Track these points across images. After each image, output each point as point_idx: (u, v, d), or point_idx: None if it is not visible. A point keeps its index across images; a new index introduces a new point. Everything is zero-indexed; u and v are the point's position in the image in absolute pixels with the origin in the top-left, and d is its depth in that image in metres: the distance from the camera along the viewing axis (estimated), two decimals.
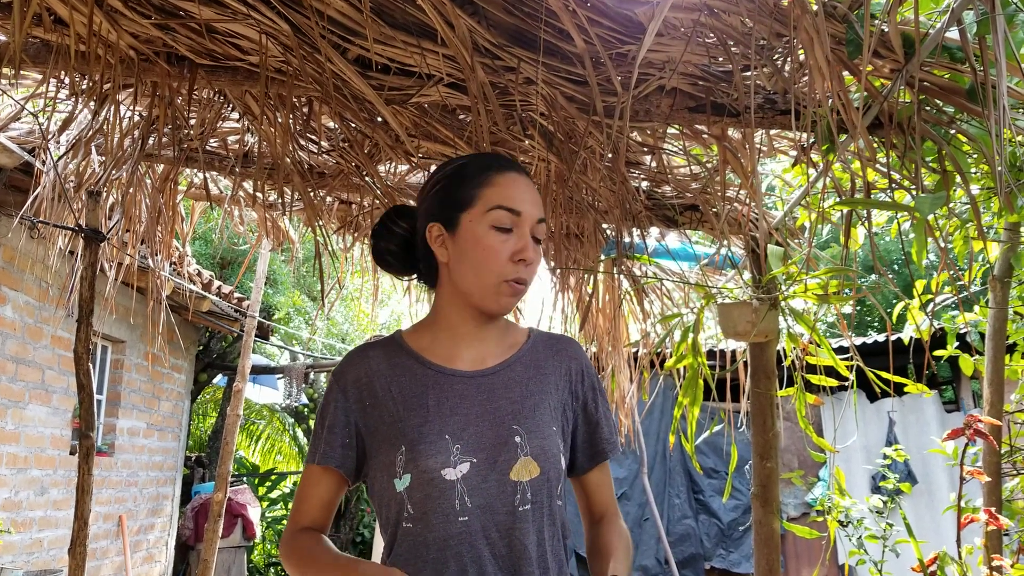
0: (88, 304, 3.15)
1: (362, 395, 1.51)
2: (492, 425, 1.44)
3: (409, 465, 1.40)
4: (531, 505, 1.41)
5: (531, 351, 1.58)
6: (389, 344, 1.58)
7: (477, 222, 1.47)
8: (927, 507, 7.30)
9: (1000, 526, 2.57)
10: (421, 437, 1.42)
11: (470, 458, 1.40)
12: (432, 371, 1.51)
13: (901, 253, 2.51)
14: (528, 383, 1.52)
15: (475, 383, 1.50)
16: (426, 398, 1.47)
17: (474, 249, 1.47)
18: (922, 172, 2.14)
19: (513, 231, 1.47)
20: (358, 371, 1.53)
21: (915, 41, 1.79)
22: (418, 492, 1.40)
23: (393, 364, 1.53)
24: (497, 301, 1.48)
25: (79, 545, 3.04)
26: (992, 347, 3.01)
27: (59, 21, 2.13)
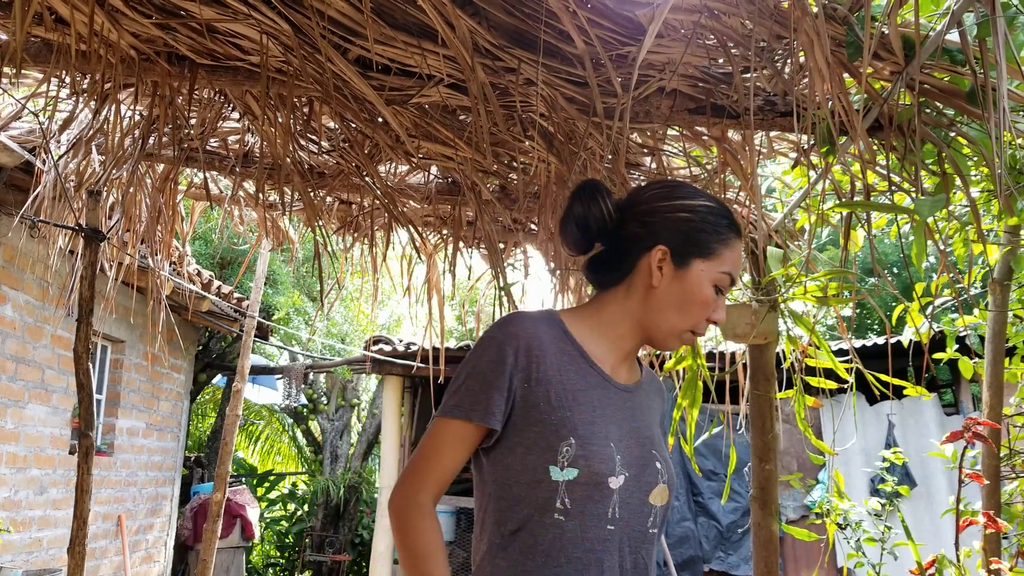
0: (88, 303, 3.15)
1: (530, 364, 1.44)
2: (637, 444, 1.47)
3: (579, 461, 1.38)
4: (656, 529, 1.47)
5: (648, 382, 1.62)
6: (553, 324, 1.51)
7: (706, 274, 1.48)
8: (926, 510, 7.29)
9: (999, 529, 2.57)
10: (592, 437, 1.40)
11: (625, 471, 1.42)
12: (595, 372, 1.49)
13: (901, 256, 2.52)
14: (649, 412, 1.57)
15: (623, 396, 1.51)
16: (590, 397, 1.45)
17: (690, 294, 1.48)
18: (922, 174, 2.14)
19: (720, 294, 1.51)
20: (529, 339, 1.46)
21: (915, 43, 1.79)
22: (581, 491, 1.38)
23: (560, 348, 1.48)
24: (673, 343, 1.52)
25: (78, 545, 3.04)
26: (991, 350, 3.01)
27: (60, 20, 2.13)
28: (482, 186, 2.86)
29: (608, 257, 1.57)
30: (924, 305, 2.95)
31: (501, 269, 3.19)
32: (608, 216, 1.55)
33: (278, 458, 15.76)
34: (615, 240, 1.56)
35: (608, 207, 1.55)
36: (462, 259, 3.37)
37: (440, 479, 1.44)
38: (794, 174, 3.05)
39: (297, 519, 12.80)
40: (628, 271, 1.53)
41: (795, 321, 2.90)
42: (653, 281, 1.49)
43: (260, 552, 13.11)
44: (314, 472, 13.30)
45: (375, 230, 3.42)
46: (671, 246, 1.49)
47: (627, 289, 1.53)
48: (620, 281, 1.54)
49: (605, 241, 1.58)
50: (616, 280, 1.55)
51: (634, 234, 1.53)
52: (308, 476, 13.82)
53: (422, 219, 3.47)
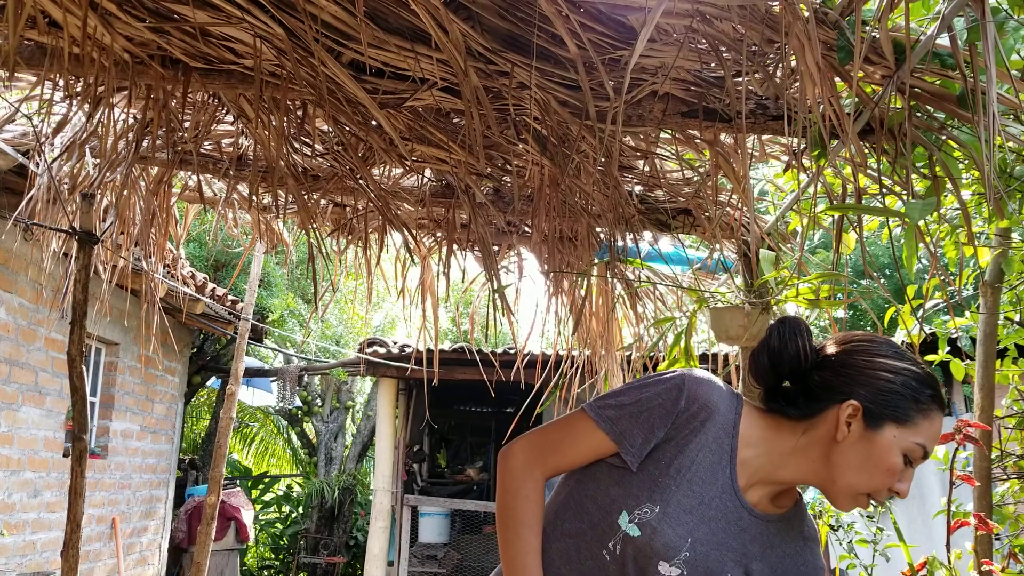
0: (82, 306, 3.15)
1: (688, 429, 1.45)
2: (719, 559, 1.42)
3: (647, 528, 1.39)
4: None
5: (788, 520, 1.53)
6: (731, 411, 1.49)
7: (898, 442, 1.41)
8: (919, 512, 7.31)
9: (990, 531, 2.58)
10: (674, 520, 1.40)
11: (684, 568, 1.39)
12: (728, 477, 1.45)
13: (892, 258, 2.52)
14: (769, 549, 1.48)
15: (740, 514, 1.46)
16: (706, 492, 1.43)
17: (876, 458, 1.41)
18: (913, 178, 2.15)
19: (907, 466, 1.43)
20: (703, 407, 1.45)
21: (906, 47, 1.80)
22: (633, 550, 1.39)
23: (718, 436, 1.46)
24: (846, 502, 1.45)
25: (72, 547, 3.04)
26: (983, 352, 3.02)
27: (53, 24, 2.13)
28: (476, 189, 2.87)
29: (795, 396, 1.51)
30: (916, 307, 2.96)
31: (495, 272, 3.20)
32: (804, 357, 1.50)
33: (273, 460, 15.74)
34: (806, 383, 1.50)
35: (807, 348, 1.50)
36: (456, 262, 3.38)
37: (558, 467, 1.48)
38: (786, 177, 3.06)
39: (291, 521, 12.79)
40: (812, 415, 1.47)
41: None
42: (838, 436, 1.43)
43: (254, 554, 13.09)
44: (309, 474, 13.30)
45: (369, 233, 3.42)
46: (865, 404, 1.42)
47: (806, 429, 1.47)
48: (800, 419, 1.48)
49: (794, 381, 1.52)
50: (796, 417, 1.49)
51: (827, 381, 1.47)
52: (303, 478, 13.81)
53: (416, 222, 3.48)
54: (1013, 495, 3.27)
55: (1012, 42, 1.90)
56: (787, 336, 1.50)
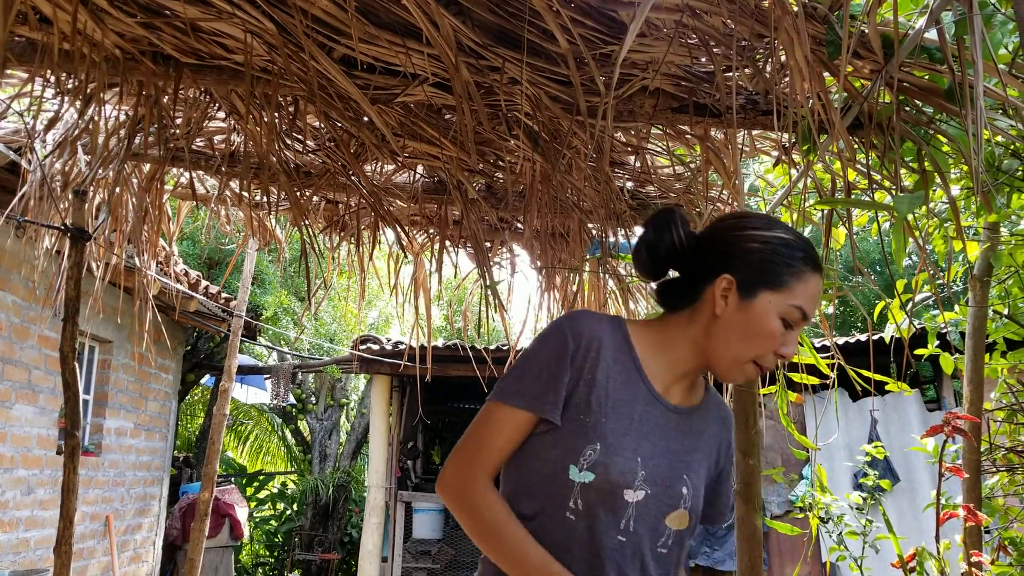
0: (74, 304, 3.14)
1: (585, 365, 1.45)
2: (670, 465, 1.46)
3: (598, 468, 1.39)
4: (667, 551, 1.46)
5: (707, 408, 1.59)
6: (617, 330, 1.52)
7: (774, 307, 1.44)
8: (909, 504, 7.35)
9: (979, 522, 2.60)
10: (619, 448, 1.41)
11: (647, 488, 1.42)
12: (644, 385, 1.49)
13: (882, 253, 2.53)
14: (698, 438, 1.54)
15: (668, 416, 1.50)
16: (632, 408, 1.46)
17: (755, 326, 1.45)
18: (902, 172, 2.17)
19: (790, 329, 1.46)
20: (590, 339, 1.47)
21: (894, 42, 1.81)
22: (595, 496, 1.40)
23: (617, 356, 1.48)
24: (735, 374, 1.48)
25: (65, 545, 3.03)
26: (972, 346, 3.04)
27: (44, 19, 2.13)
28: (468, 185, 2.87)
29: (678, 283, 1.57)
30: (905, 302, 2.97)
31: (488, 268, 3.21)
32: (679, 244, 1.54)
33: (267, 458, 15.74)
34: (686, 268, 1.55)
35: (680, 235, 1.54)
36: (449, 258, 3.38)
37: (494, 462, 1.46)
38: (776, 172, 3.07)
39: (286, 518, 12.79)
40: (695, 299, 1.52)
41: None
42: (716, 310, 1.47)
43: (249, 551, 13.09)
44: (303, 471, 13.30)
45: (362, 229, 3.42)
46: (738, 276, 1.46)
47: (691, 315, 1.52)
48: (685, 307, 1.53)
49: (678, 268, 1.57)
50: (682, 305, 1.54)
51: (704, 263, 1.52)
52: (297, 475, 13.81)
53: (408, 218, 3.48)
54: (1002, 487, 3.30)
55: (999, 36, 1.91)
56: (661, 226, 1.55)
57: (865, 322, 13.35)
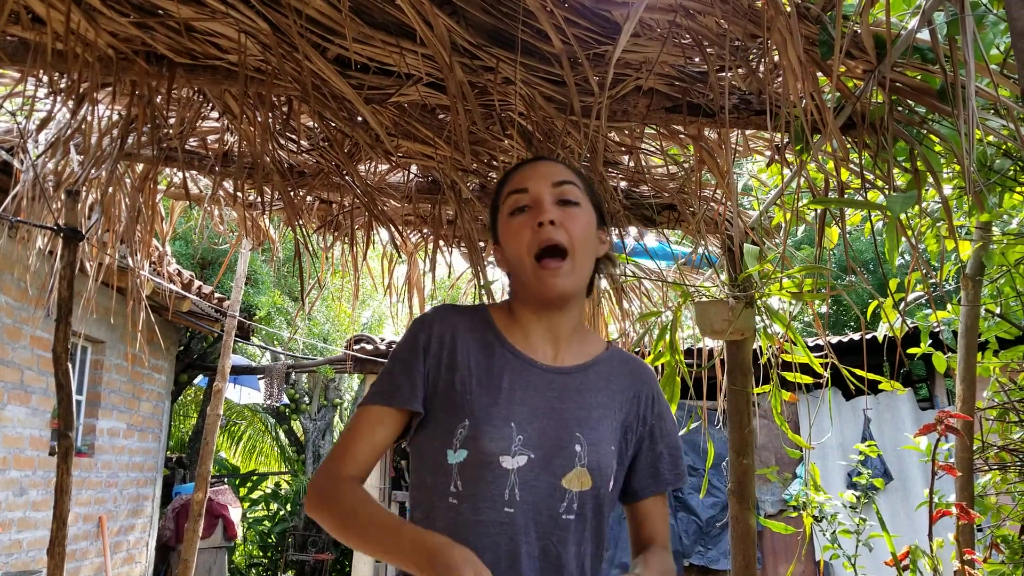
0: (67, 304, 3.14)
1: (442, 352, 1.48)
2: (555, 425, 1.42)
3: (469, 442, 1.38)
4: (575, 516, 1.39)
5: (606, 364, 1.56)
6: (477, 315, 1.55)
7: (503, 219, 1.51)
8: (902, 503, 7.37)
9: (972, 520, 2.61)
10: (487, 418, 1.39)
11: (529, 452, 1.38)
12: (510, 354, 1.49)
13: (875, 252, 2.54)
14: (598, 394, 1.50)
15: (548, 378, 1.48)
16: (500, 379, 1.45)
17: (506, 242, 1.50)
18: (894, 172, 2.17)
19: (529, 207, 1.47)
20: (443, 327, 1.50)
21: (887, 42, 1.82)
22: (471, 471, 1.37)
23: (477, 337, 1.51)
24: (541, 284, 1.45)
25: (58, 546, 3.03)
26: (964, 344, 3.05)
27: (37, 19, 2.12)
28: (462, 184, 2.87)
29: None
30: (898, 301, 2.98)
31: (481, 267, 3.21)
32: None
33: (260, 458, 15.71)
34: None
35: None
36: (442, 258, 3.38)
37: (358, 460, 1.43)
38: (769, 172, 3.08)
39: (280, 519, 12.76)
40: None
41: (771, 317, 2.94)
42: (503, 269, 1.57)
43: (242, 552, 13.06)
44: (297, 472, 13.27)
45: (355, 229, 3.42)
46: (493, 239, 1.59)
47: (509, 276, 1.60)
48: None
49: None
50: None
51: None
52: (290, 476, 13.78)
53: (402, 218, 3.48)
54: (994, 486, 3.31)
55: (991, 37, 1.92)
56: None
57: (858, 321, 13.38)
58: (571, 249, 1.45)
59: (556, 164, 1.56)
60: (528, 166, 1.54)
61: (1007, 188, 2.55)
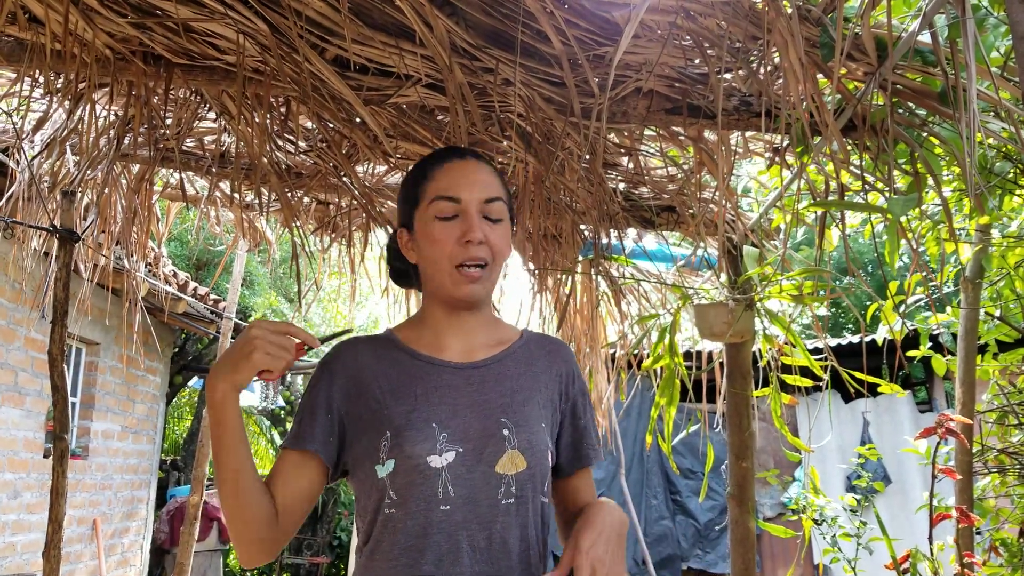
0: (62, 305, 3.12)
1: (348, 384, 1.50)
2: (480, 416, 1.43)
3: (394, 451, 1.39)
4: (515, 499, 1.40)
5: (523, 349, 1.58)
6: (378, 339, 1.58)
7: (424, 217, 1.50)
8: (901, 506, 7.37)
9: (971, 524, 2.60)
10: (408, 424, 1.40)
11: (456, 447, 1.39)
12: (421, 361, 1.51)
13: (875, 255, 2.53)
14: (519, 378, 1.52)
15: (464, 374, 1.50)
16: (414, 387, 1.46)
17: (426, 242, 1.50)
18: (895, 174, 2.17)
19: (458, 217, 1.48)
20: (345, 360, 1.53)
21: (888, 44, 1.81)
22: (401, 478, 1.38)
23: (381, 356, 1.53)
24: (457, 289, 1.48)
25: (53, 548, 3.01)
26: (964, 347, 3.05)
27: (34, 19, 2.11)
28: None
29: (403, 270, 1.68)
30: (898, 304, 2.98)
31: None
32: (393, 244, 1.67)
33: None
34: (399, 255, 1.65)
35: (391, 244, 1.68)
36: None
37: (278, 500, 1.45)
38: (769, 174, 3.08)
39: None
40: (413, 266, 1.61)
41: (771, 320, 2.93)
42: (411, 259, 1.57)
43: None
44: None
45: (353, 230, 3.41)
46: (402, 223, 1.58)
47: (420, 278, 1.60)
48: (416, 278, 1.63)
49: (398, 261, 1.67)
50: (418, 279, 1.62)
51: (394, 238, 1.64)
52: None
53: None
54: (994, 489, 3.31)
55: (992, 39, 1.91)
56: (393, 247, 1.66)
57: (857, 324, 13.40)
58: (491, 263, 1.49)
59: (487, 170, 1.55)
60: (459, 168, 1.52)
61: (1007, 191, 2.54)
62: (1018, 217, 3.15)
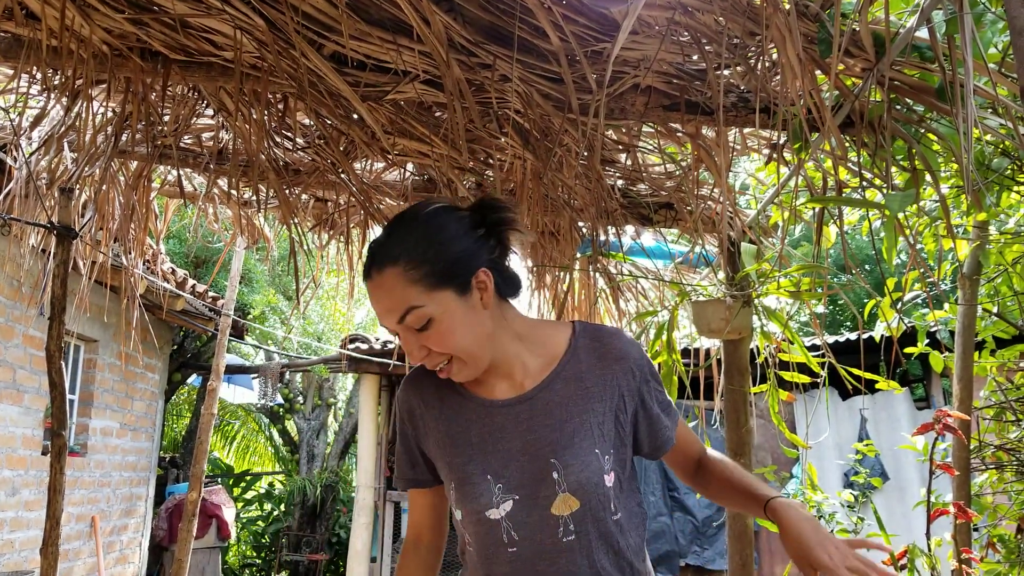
0: (60, 302, 3.11)
1: (417, 424, 1.58)
2: (531, 459, 1.46)
3: (459, 503, 1.50)
4: (575, 535, 1.44)
5: (572, 362, 1.54)
6: (423, 377, 1.61)
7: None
8: (899, 503, 7.38)
9: (969, 519, 2.61)
10: (466, 477, 1.48)
11: (512, 496, 1.45)
12: (474, 403, 1.53)
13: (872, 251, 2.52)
14: (568, 404, 1.49)
15: (513, 412, 1.50)
16: (469, 434, 1.51)
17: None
18: (892, 170, 2.17)
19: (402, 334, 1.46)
20: (412, 402, 1.60)
21: (886, 40, 1.81)
22: (470, 527, 1.49)
23: (441, 395, 1.57)
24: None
25: (51, 546, 3.00)
26: (961, 344, 3.05)
27: (31, 15, 2.11)
28: (458, 183, 2.86)
29: None
30: (895, 300, 2.98)
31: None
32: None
33: (254, 458, 15.67)
34: None
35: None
36: None
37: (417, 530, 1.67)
38: (767, 170, 3.08)
39: (274, 519, 12.73)
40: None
41: (769, 316, 2.93)
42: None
43: (236, 552, 13.04)
44: (290, 472, 13.25)
45: (351, 227, 3.41)
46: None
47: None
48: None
49: None
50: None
51: None
52: (284, 476, 13.76)
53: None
54: (991, 485, 3.31)
55: (990, 35, 1.91)
56: None
57: (855, 320, 13.40)
58: (451, 355, 1.45)
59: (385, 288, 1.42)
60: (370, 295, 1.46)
61: (1005, 187, 2.54)
62: (1016, 214, 3.15)
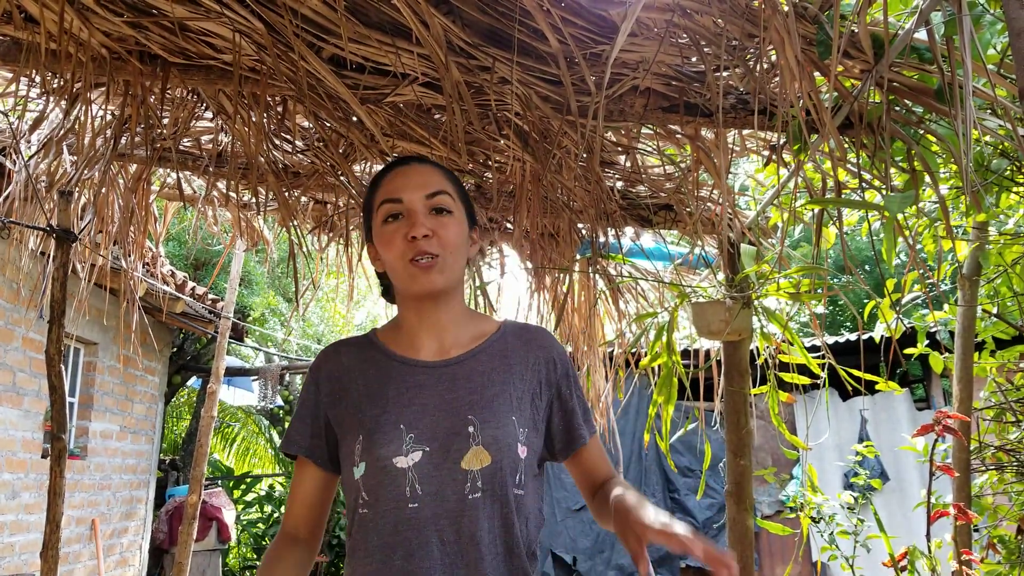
0: (60, 305, 3.11)
1: (333, 388, 1.57)
2: (448, 415, 1.48)
3: (365, 454, 1.46)
4: (482, 494, 1.43)
5: (499, 341, 1.61)
6: (362, 340, 1.64)
7: (377, 223, 1.57)
8: (899, 504, 7.38)
9: (969, 521, 2.60)
10: (377, 427, 1.47)
11: (423, 447, 1.44)
12: (396, 362, 1.56)
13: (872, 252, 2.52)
14: (491, 373, 1.55)
15: (436, 373, 1.54)
16: (387, 388, 1.52)
17: (382, 247, 1.55)
18: (892, 172, 2.17)
19: (402, 217, 1.53)
20: (331, 366, 1.60)
21: (884, 42, 1.81)
22: (371, 479, 1.45)
23: (363, 359, 1.59)
24: (414, 282, 1.52)
25: (51, 549, 3.00)
26: (961, 345, 3.05)
27: (30, 19, 2.11)
28: None
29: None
30: (895, 301, 2.98)
31: (477, 268, 3.20)
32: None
33: (254, 460, 15.65)
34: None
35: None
36: None
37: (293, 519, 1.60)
38: (766, 172, 3.08)
39: (274, 521, 12.71)
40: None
41: (768, 318, 2.93)
42: (378, 269, 1.65)
43: (237, 554, 13.02)
44: (290, 474, 13.22)
45: (350, 230, 3.41)
46: (367, 237, 1.65)
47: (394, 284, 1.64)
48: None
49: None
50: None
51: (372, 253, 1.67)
52: (284, 478, 13.74)
53: None
54: (991, 486, 3.31)
55: (988, 36, 1.92)
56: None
57: (855, 321, 13.41)
58: (442, 254, 1.52)
59: (429, 169, 1.59)
60: (401, 172, 1.58)
61: (1004, 188, 2.54)
62: (1015, 214, 3.15)
